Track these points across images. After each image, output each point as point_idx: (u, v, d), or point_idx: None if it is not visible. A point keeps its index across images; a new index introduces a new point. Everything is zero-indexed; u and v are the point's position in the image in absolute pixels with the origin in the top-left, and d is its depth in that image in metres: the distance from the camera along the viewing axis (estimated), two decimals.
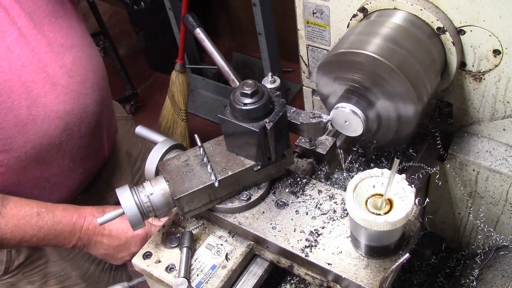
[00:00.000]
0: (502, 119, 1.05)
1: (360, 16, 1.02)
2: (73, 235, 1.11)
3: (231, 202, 0.92)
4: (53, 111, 1.10)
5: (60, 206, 1.11)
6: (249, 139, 0.85)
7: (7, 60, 1.02)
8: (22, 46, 1.05)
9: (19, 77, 1.04)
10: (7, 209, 1.05)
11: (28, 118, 1.06)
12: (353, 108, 0.91)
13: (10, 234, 1.05)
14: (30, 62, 1.06)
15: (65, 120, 1.12)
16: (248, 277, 0.92)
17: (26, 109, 1.05)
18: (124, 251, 1.15)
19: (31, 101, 1.06)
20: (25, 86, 1.05)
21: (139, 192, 0.88)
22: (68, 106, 1.12)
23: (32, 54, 1.06)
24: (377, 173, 0.78)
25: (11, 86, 1.03)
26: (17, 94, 1.04)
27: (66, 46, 1.13)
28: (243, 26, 3.70)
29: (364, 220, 0.73)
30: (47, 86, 1.08)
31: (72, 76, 1.13)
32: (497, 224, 1.18)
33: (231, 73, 0.99)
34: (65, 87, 1.11)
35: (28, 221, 1.06)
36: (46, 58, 1.08)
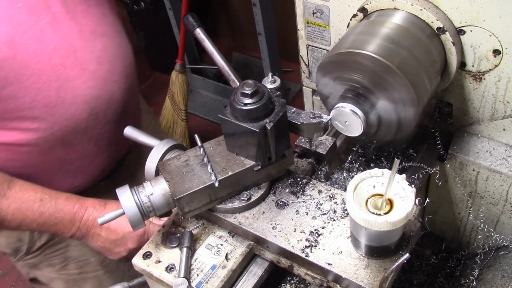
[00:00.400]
0: (502, 119, 1.05)
1: (360, 16, 1.02)
2: (73, 224, 1.12)
3: (231, 202, 0.92)
4: (80, 95, 1.13)
5: (63, 194, 1.13)
6: (249, 139, 0.85)
7: (39, 43, 1.06)
8: (54, 30, 1.08)
9: (49, 60, 1.08)
10: (11, 191, 1.07)
11: (57, 100, 1.10)
12: (353, 108, 0.91)
13: (11, 216, 1.07)
14: (61, 46, 1.09)
15: (91, 105, 1.16)
16: (248, 277, 0.92)
17: (55, 91, 1.09)
18: (121, 246, 1.16)
19: (60, 83, 1.10)
20: (55, 69, 1.09)
21: (139, 192, 0.88)
22: (95, 92, 1.16)
23: (63, 39, 1.10)
24: (377, 173, 0.78)
25: (42, 68, 1.06)
26: (47, 76, 1.07)
27: (97, 33, 1.16)
28: (243, 26, 3.70)
29: (364, 220, 0.73)
30: (76, 70, 1.12)
31: (101, 62, 1.17)
32: (497, 224, 1.18)
33: (231, 73, 0.99)
34: (93, 72, 1.15)
35: (30, 206, 1.08)
36: (77, 43, 1.12)
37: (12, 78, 1.03)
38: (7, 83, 1.03)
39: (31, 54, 1.04)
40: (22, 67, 1.03)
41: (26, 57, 1.04)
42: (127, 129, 1.05)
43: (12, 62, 1.02)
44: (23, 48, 1.03)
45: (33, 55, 1.05)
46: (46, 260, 1.36)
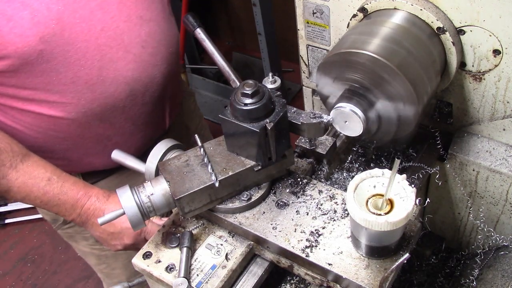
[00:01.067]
0: (502, 119, 1.05)
1: (360, 16, 1.02)
2: (74, 210, 1.14)
3: (231, 202, 0.92)
4: (121, 76, 1.18)
5: (72, 178, 1.15)
6: (249, 139, 0.85)
7: (88, 22, 1.10)
8: (103, 12, 1.13)
9: (96, 40, 1.12)
10: (23, 165, 1.10)
11: (98, 79, 1.15)
12: (353, 108, 0.91)
13: (17, 188, 1.10)
14: (108, 28, 1.14)
15: (131, 86, 1.20)
16: (248, 277, 0.92)
17: (98, 70, 1.14)
18: (117, 240, 1.17)
19: (103, 63, 1.14)
20: (100, 49, 1.13)
21: (140, 192, 0.88)
22: (136, 74, 1.20)
23: (111, 21, 1.14)
24: (377, 173, 0.78)
25: (87, 46, 1.11)
26: (91, 55, 1.12)
27: (144, 18, 1.20)
28: (243, 26, 3.70)
29: (364, 220, 0.73)
30: (120, 52, 1.16)
31: (145, 47, 1.21)
32: (497, 224, 1.18)
33: (231, 73, 0.99)
34: (136, 56, 1.19)
35: (36, 183, 1.10)
36: (124, 26, 1.16)
37: (57, 53, 1.07)
38: (52, 57, 1.07)
39: (78, 33, 1.09)
40: (68, 44, 1.08)
41: (73, 35, 1.08)
42: (114, 153, 1.08)
43: (59, 37, 1.06)
44: (71, 26, 1.07)
45: (80, 33, 1.09)
46: (81, 233, 1.41)
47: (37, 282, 2.71)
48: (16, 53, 1.03)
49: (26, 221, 3.01)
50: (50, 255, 2.83)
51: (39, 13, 1.03)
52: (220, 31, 3.91)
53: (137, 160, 1.05)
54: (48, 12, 1.04)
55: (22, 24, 1.02)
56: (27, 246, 2.89)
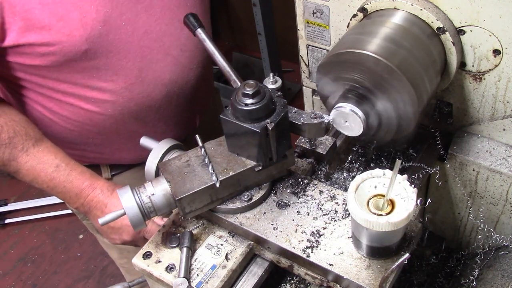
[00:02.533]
0: (502, 119, 1.05)
1: (360, 16, 1.02)
2: (78, 199, 1.15)
3: (232, 202, 0.92)
4: (159, 78, 1.21)
5: (80, 167, 1.16)
6: (250, 139, 0.85)
7: (132, 25, 1.14)
8: (148, 15, 1.16)
9: (139, 42, 1.16)
10: (34, 149, 1.12)
11: (137, 79, 1.18)
12: (353, 108, 0.91)
13: (26, 171, 1.12)
14: (151, 31, 1.17)
15: (168, 88, 1.24)
16: (248, 277, 0.92)
17: (137, 71, 1.18)
18: (116, 235, 1.18)
19: (143, 64, 1.18)
20: (141, 50, 1.17)
21: (140, 192, 0.88)
22: (174, 76, 1.24)
23: (155, 23, 1.17)
24: (378, 174, 0.78)
25: (130, 48, 1.14)
26: (132, 56, 1.16)
27: None
28: (243, 26, 3.70)
29: (365, 221, 0.73)
30: (160, 55, 1.20)
31: (184, 50, 1.24)
32: (497, 224, 1.18)
33: (232, 73, 0.99)
34: (175, 58, 1.23)
35: (44, 168, 1.12)
36: (166, 29, 1.20)
37: (100, 53, 1.11)
38: (95, 56, 1.11)
39: (122, 34, 1.12)
40: (112, 45, 1.11)
41: (117, 37, 1.11)
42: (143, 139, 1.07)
43: (104, 39, 1.09)
44: (116, 28, 1.11)
45: (124, 35, 1.12)
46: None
47: (37, 282, 2.71)
48: (61, 51, 1.06)
49: (26, 221, 3.01)
50: (50, 255, 2.83)
51: (88, 14, 1.06)
52: (220, 31, 3.91)
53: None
54: (96, 14, 1.07)
55: (71, 24, 1.05)
56: (27, 246, 2.90)
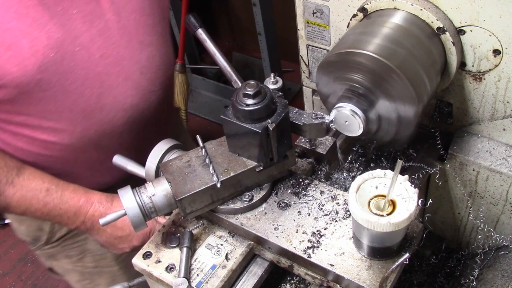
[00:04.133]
0: (502, 119, 1.05)
1: (360, 16, 1.02)
2: (77, 217, 1.12)
3: (233, 203, 0.92)
4: (120, 103, 1.16)
5: (71, 186, 1.14)
6: (251, 140, 0.85)
7: (88, 49, 1.07)
8: (104, 38, 1.09)
9: (95, 67, 1.09)
10: (20, 179, 1.08)
11: (96, 106, 1.12)
12: (353, 108, 0.91)
13: (16, 203, 1.08)
14: (108, 55, 1.11)
15: (129, 113, 1.18)
16: (248, 277, 0.92)
17: (96, 97, 1.11)
18: (125, 243, 1.17)
19: (102, 90, 1.11)
20: (99, 76, 1.10)
21: (141, 193, 0.88)
22: (135, 101, 1.18)
23: (112, 47, 1.11)
24: (380, 174, 0.78)
25: (86, 74, 1.08)
26: (90, 83, 1.09)
27: (145, 43, 1.17)
28: (243, 26, 3.70)
29: (367, 221, 0.73)
30: (120, 79, 1.14)
31: (144, 73, 1.18)
32: (497, 224, 1.18)
33: (233, 74, 0.99)
34: (135, 82, 1.17)
35: (35, 195, 1.09)
36: (124, 53, 1.13)
37: (55, 81, 1.04)
38: (50, 86, 1.04)
39: (77, 61, 1.05)
40: (67, 72, 1.05)
41: (73, 63, 1.05)
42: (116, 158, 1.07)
43: (58, 66, 1.03)
44: (71, 55, 1.04)
45: (80, 61, 1.06)
46: (64, 251, 1.38)
47: (37, 282, 2.71)
48: (13, 83, 1.00)
49: None
50: None
51: (38, 41, 0.99)
52: (220, 31, 3.91)
53: (138, 165, 1.04)
54: (48, 40, 1.00)
55: (21, 53, 0.98)
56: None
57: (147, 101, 1.21)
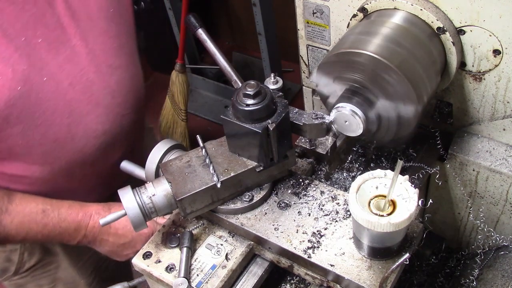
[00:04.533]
0: (502, 119, 1.05)
1: (360, 16, 1.02)
2: (78, 232, 1.11)
3: (233, 203, 0.92)
4: (91, 130, 1.12)
5: (65, 203, 1.12)
6: (251, 140, 0.85)
7: (55, 78, 1.03)
8: (72, 65, 1.06)
9: (64, 96, 1.05)
10: (12, 205, 1.05)
11: (67, 136, 1.08)
12: (353, 108, 0.91)
13: (15, 231, 1.05)
14: (77, 82, 1.07)
15: (101, 140, 1.15)
16: (248, 277, 0.92)
17: (67, 127, 1.07)
18: (129, 249, 1.15)
19: (72, 119, 1.07)
20: (69, 104, 1.06)
21: (141, 193, 0.88)
22: (106, 126, 1.15)
23: (80, 74, 1.07)
24: (380, 174, 0.78)
25: (55, 104, 1.04)
26: (60, 113, 1.05)
27: (114, 66, 1.14)
28: (243, 26, 3.70)
29: (367, 221, 0.73)
30: (90, 106, 1.10)
31: (115, 97, 1.15)
32: (497, 224, 1.18)
33: (233, 74, 0.99)
34: (106, 107, 1.13)
35: (33, 218, 1.06)
36: (94, 78, 1.10)
37: (24, 116, 1.00)
38: (18, 121, 1.00)
39: (46, 91, 1.01)
40: (36, 105, 1.01)
41: (41, 95, 1.01)
42: (124, 163, 1.05)
43: (26, 100, 0.99)
44: (38, 86, 1.00)
45: (48, 92, 1.02)
46: (34, 281, 1.34)
47: None
48: None
49: None
50: None
51: (3, 76, 0.94)
52: (220, 31, 3.91)
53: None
54: (13, 74, 0.95)
55: None
56: None
57: (119, 126, 1.18)
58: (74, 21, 1.06)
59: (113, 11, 1.14)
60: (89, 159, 1.15)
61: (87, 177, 1.20)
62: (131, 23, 1.25)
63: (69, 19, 1.05)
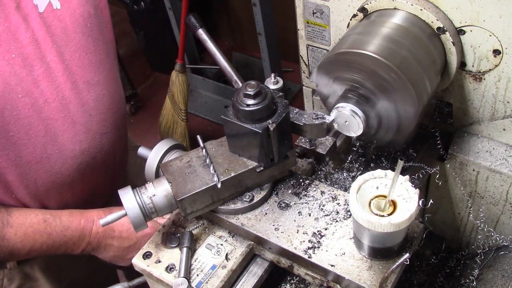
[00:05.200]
0: (502, 119, 1.05)
1: (360, 16, 1.02)
2: (82, 240, 1.09)
3: (233, 203, 0.92)
4: (68, 150, 1.08)
5: (65, 211, 1.09)
6: (252, 140, 0.85)
7: (30, 96, 0.99)
8: (47, 82, 1.02)
9: (39, 114, 1.01)
10: (13, 218, 1.03)
11: (42, 156, 1.04)
12: (353, 108, 0.91)
13: (21, 243, 1.02)
14: (53, 99, 1.03)
15: (79, 160, 1.10)
16: (248, 277, 0.92)
17: (42, 146, 1.03)
18: (134, 252, 1.11)
19: (48, 138, 1.04)
20: (45, 123, 1.02)
21: (142, 193, 0.88)
22: (84, 145, 1.10)
23: (56, 91, 1.03)
24: (380, 174, 0.78)
25: (30, 122, 1.00)
26: (35, 131, 1.01)
27: (92, 83, 1.10)
28: (243, 26, 3.70)
29: (367, 222, 0.73)
30: (67, 124, 1.06)
31: (93, 115, 1.11)
32: (497, 224, 1.18)
33: (234, 74, 0.99)
34: (84, 126, 1.09)
35: (36, 229, 1.04)
36: (70, 95, 1.06)
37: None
38: None
39: (20, 109, 0.98)
40: (9, 123, 0.97)
41: (15, 112, 0.97)
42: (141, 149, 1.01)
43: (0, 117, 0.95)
44: (12, 103, 0.96)
45: (22, 109, 0.98)
46: None
47: None
48: None
49: None
50: None
51: None
52: (220, 31, 3.91)
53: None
54: None
55: None
56: None
57: (99, 145, 1.13)
58: (50, 36, 1.02)
59: (90, 26, 1.10)
60: (67, 181, 1.11)
61: (65, 200, 1.16)
62: (111, 39, 1.21)
63: (44, 34, 1.01)
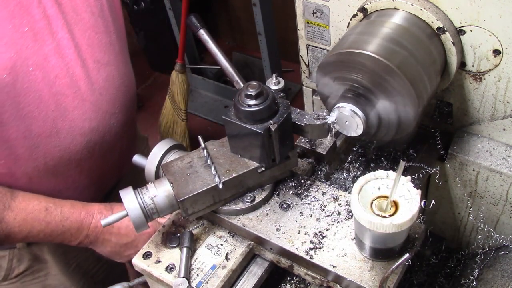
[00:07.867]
0: (502, 119, 1.05)
1: (360, 16, 1.02)
2: (81, 232, 1.10)
3: (235, 204, 0.92)
4: (78, 127, 1.09)
5: (68, 202, 1.10)
6: (253, 140, 0.85)
7: (42, 69, 1.01)
8: (58, 58, 1.03)
9: (50, 88, 1.03)
10: (16, 202, 1.04)
11: (52, 131, 1.05)
12: (353, 108, 0.91)
13: (18, 228, 1.04)
14: (63, 75, 1.04)
15: (88, 138, 1.12)
16: (248, 277, 0.93)
17: (52, 121, 1.05)
18: (132, 249, 1.14)
19: (58, 113, 1.05)
20: (55, 98, 1.04)
21: (143, 194, 0.88)
22: (93, 124, 1.12)
23: (66, 67, 1.05)
24: (382, 175, 0.78)
25: (41, 96, 1.01)
26: (46, 105, 1.03)
27: (102, 62, 1.12)
28: (243, 26, 3.70)
29: (369, 222, 0.73)
30: (76, 101, 1.07)
31: (103, 94, 1.12)
32: (497, 224, 1.18)
33: (235, 74, 0.99)
34: (93, 104, 1.11)
35: (36, 216, 1.05)
36: (80, 73, 1.07)
37: (8, 105, 0.97)
38: (2, 111, 0.97)
39: (31, 82, 0.99)
40: (21, 95, 0.98)
41: (26, 85, 0.98)
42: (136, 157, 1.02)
43: (10, 89, 0.96)
44: (24, 75, 0.98)
45: (34, 82, 0.99)
46: (24, 287, 1.30)
47: None
48: None
49: None
50: None
51: None
52: (220, 31, 3.91)
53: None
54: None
55: None
56: None
57: (108, 124, 1.15)
58: (61, 13, 1.04)
59: (101, 7, 1.12)
60: (75, 157, 1.12)
61: (74, 177, 1.17)
62: (121, 22, 1.22)
63: (55, 11, 1.03)
